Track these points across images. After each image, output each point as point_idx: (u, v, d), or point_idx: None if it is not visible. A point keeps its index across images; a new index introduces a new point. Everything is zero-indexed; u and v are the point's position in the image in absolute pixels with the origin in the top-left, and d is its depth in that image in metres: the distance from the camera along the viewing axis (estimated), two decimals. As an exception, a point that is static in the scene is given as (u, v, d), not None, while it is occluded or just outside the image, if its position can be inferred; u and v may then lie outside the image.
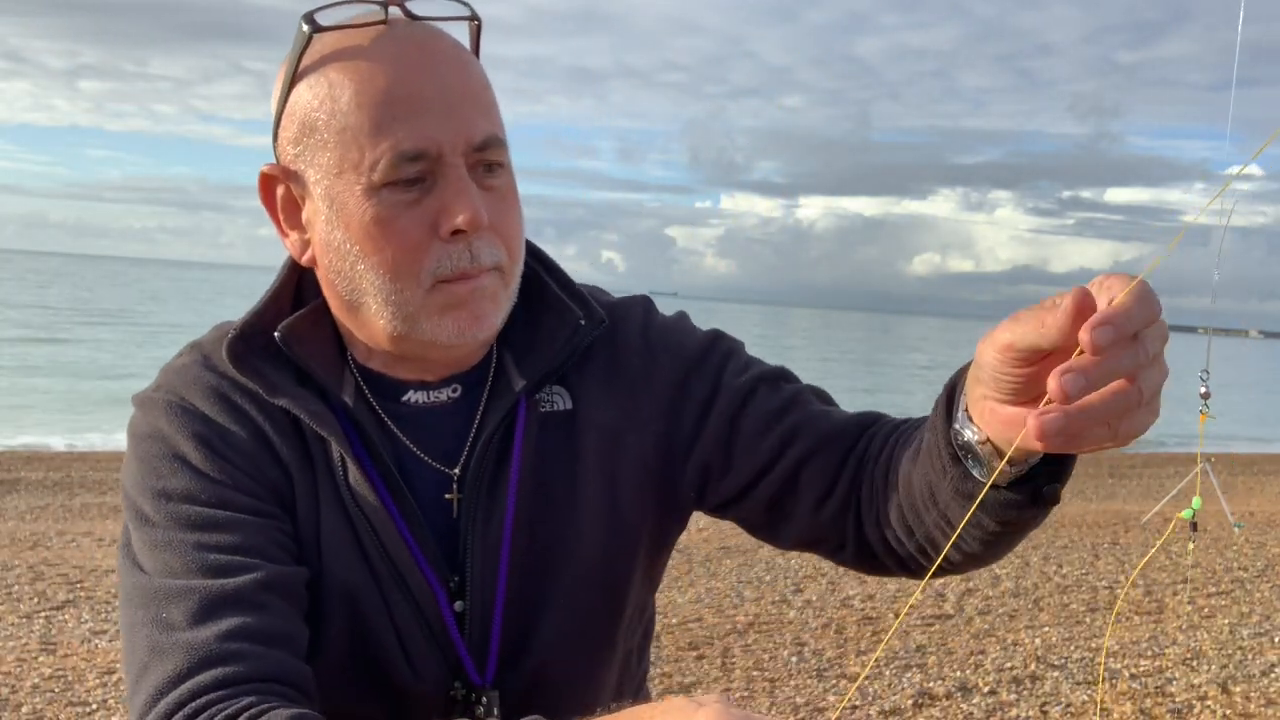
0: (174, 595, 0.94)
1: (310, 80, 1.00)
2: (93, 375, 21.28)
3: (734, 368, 1.14)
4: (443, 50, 1.01)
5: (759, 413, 1.11)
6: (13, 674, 4.49)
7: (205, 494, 1.00)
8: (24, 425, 14.27)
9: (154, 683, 0.91)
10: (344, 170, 0.99)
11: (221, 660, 0.91)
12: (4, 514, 8.03)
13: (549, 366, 1.10)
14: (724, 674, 4.82)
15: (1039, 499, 0.89)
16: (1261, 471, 14.64)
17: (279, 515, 1.03)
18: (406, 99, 0.97)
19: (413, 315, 1.01)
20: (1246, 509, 10.15)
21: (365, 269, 1.00)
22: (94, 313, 42.08)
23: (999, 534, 0.94)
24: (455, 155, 0.98)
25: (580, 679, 1.13)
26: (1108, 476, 13.37)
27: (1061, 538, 8.23)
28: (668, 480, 1.14)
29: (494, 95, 1.05)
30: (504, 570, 1.07)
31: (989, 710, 4.53)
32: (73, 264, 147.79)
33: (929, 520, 0.97)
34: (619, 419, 1.12)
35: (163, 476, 1.02)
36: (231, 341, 1.05)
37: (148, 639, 0.93)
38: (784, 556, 7.12)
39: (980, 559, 0.99)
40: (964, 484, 0.90)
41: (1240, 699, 4.78)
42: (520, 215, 1.06)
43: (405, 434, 1.08)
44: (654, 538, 1.16)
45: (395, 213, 0.98)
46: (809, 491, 1.09)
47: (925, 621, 5.75)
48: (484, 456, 1.07)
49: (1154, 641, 5.56)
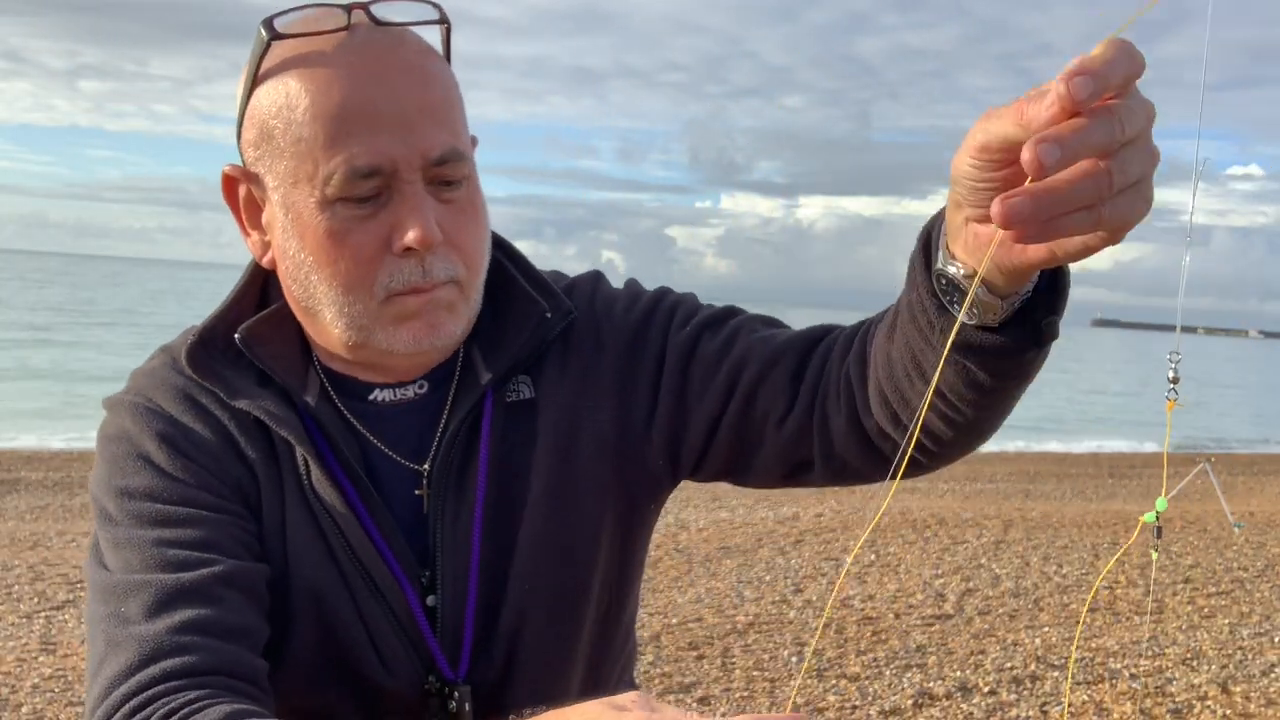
0: (132, 590, 0.95)
1: (269, 85, 1.00)
2: (93, 375, 21.27)
3: (678, 321, 1.13)
4: (402, 60, 0.99)
5: (706, 357, 1.10)
6: (13, 674, 4.48)
7: (167, 492, 1.01)
8: (24, 425, 14.27)
9: (107, 676, 0.92)
10: (299, 181, 0.99)
11: (172, 653, 0.91)
12: (4, 514, 8.03)
13: (515, 359, 1.10)
14: (724, 674, 4.82)
15: (1036, 337, 0.83)
16: (1261, 471, 14.63)
17: (242, 514, 1.03)
18: (361, 113, 0.96)
19: (366, 327, 1.02)
20: (1246, 509, 10.15)
21: (319, 280, 1.01)
22: (94, 313, 42.06)
23: (991, 391, 0.87)
24: (411, 171, 0.98)
25: (552, 664, 1.11)
26: (1108, 476, 13.37)
27: (1061, 538, 8.22)
28: (632, 451, 1.12)
29: (458, 102, 1.03)
30: (475, 563, 1.07)
31: (989, 710, 4.53)
32: (73, 264, 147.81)
33: (916, 396, 0.92)
34: (574, 397, 1.12)
35: (126, 475, 1.03)
36: (190, 347, 1.06)
37: (105, 634, 0.94)
38: (784, 556, 7.12)
39: (972, 429, 0.93)
40: (959, 336, 0.84)
41: (1240, 699, 4.78)
42: (482, 226, 1.06)
43: (372, 432, 1.09)
44: (620, 513, 1.14)
45: (348, 226, 0.98)
46: (769, 412, 1.06)
47: (925, 621, 5.75)
48: (450, 450, 1.08)
49: (1154, 641, 5.56)
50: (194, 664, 0.91)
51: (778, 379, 1.06)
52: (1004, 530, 8.37)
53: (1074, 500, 10.95)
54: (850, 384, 1.00)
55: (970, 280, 0.79)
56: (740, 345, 1.09)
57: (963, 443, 0.96)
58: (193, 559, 0.97)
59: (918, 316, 0.86)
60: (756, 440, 1.08)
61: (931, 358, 0.87)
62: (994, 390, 0.87)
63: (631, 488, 1.14)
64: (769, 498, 9.67)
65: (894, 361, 0.92)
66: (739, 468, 1.12)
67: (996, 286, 0.79)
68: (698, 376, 1.10)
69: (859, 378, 0.99)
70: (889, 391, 0.95)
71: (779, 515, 8.62)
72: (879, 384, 0.96)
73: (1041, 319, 0.82)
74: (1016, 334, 0.82)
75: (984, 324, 0.82)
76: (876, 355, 0.96)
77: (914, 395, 0.92)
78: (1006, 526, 8.53)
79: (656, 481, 1.16)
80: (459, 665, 1.07)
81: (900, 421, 0.95)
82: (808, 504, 9.34)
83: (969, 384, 0.87)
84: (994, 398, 0.89)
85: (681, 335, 1.12)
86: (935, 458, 0.99)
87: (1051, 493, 11.51)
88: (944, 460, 0.99)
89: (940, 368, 0.82)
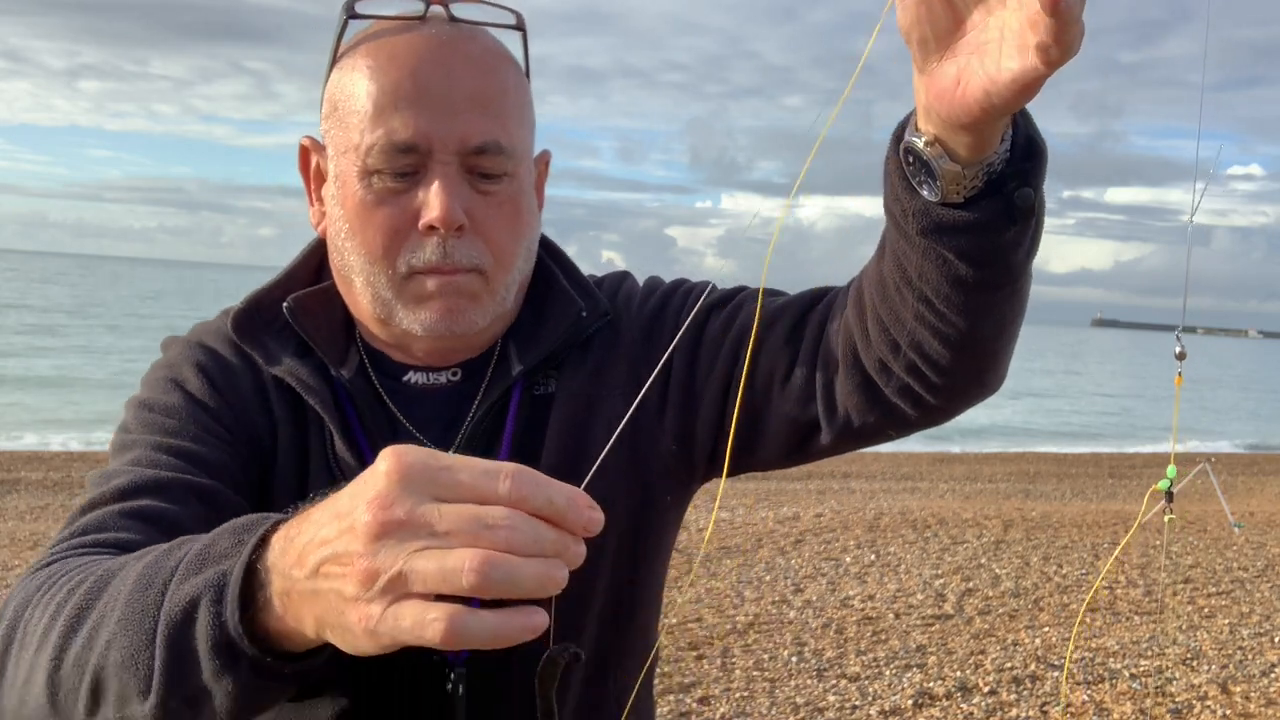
0: (113, 476, 0.99)
1: (343, 63, 1.06)
2: (93, 375, 21.28)
3: (688, 308, 1.15)
4: (466, 52, 1.03)
5: (711, 335, 1.12)
6: (13, 674, 4.49)
7: (185, 412, 1.05)
8: (24, 425, 14.28)
9: (49, 544, 0.95)
10: (347, 150, 1.04)
11: (113, 529, 0.93)
12: (4, 514, 8.03)
13: (547, 353, 1.11)
14: (724, 674, 4.82)
15: (1009, 212, 0.83)
16: (1261, 471, 14.64)
17: (245, 456, 1.06)
18: (412, 91, 1.00)
19: (389, 301, 1.05)
20: (1246, 509, 10.15)
21: (351, 248, 1.05)
22: (94, 313, 42.09)
23: (976, 288, 0.87)
24: (447, 153, 1.01)
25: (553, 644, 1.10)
26: (1108, 476, 13.38)
27: (1061, 538, 8.23)
28: (644, 439, 1.13)
29: (518, 105, 1.06)
30: None
31: (989, 710, 4.53)
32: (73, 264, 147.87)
33: (908, 310, 0.92)
34: (589, 387, 1.13)
35: (156, 393, 1.08)
36: (238, 313, 1.11)
37: (74, 510, 0.98)
38: (784, 556, 7.12)
39: (968, 347, 0.92)
40: (926, 217, 0.85)
41: (1240, 699, 4.79)
42: (520, 225, 1.07)
43: (402, 411, 1.11)
44: (632, 505, 1.13)
45: (382, 198, 1.02)
46: (772, 373, 1.08)
47: (925, 621, 5.75)
48: (474, 438, 1.09)
49: (1154, 641, 5.56)
50: (127, 541, 0.92)
51: (776, 339, 1.08)
52: (1004, 530, 8.37)
53: (1074, 500, 10.96)
54: (849, 328, 1.01)
55: (934, 147, 0.81)
56: (742, 316, 1.11)
57: (964, 369, 0.95)
58: (177, 464, 1.00)
59: (893, 209, 0.88)
60: (763, 404, 1.09)
61: (914, 257, 0.88)
62: (978, 287, 0.88)
63: (644, 476, 1.14)
64: (769, 497, 9.67)
65: (885, 280, 0.94)
66: (751, 443, 1.11)
67: (957, 154, 0.81)
68: (705, 357, 1.12)
69: (856, 316, 1.00)
70: (883, 313, 0.95)
71: (779, 515, 8.62)
72: (874, 309, 0.96)
73: (1013, 191, 0.83)
74: (986, 207, 0.83)
75: (949, 199, 0.83)
76: (868, 283, 0.97)
77: (905, 309, 0.92)
78: (1006, 526, 8.54)
79: (671, 471, 1.15)
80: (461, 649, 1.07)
81: (898, 346, 0.95)
82: (808, 504, 9.34)
83: (952, 280, 0.88)
84: (980, 298, 0.89)
85: (688, 320, 1.13)
86: (941, 393, 0.97)
87: (1051, 493, 11.52)
88: (951, 397, 0.98)
89: (919, 263, 0.83)
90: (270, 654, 0.72)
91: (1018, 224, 0.85)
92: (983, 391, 1.00)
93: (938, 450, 15.82)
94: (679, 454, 1.14)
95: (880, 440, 1.07)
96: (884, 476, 12.27)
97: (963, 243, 0.85)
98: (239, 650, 0.72)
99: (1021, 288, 0.92)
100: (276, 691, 0.76)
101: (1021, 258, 0.88)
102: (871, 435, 1.06)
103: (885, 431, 1.04)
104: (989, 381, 0.99)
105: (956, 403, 1.00)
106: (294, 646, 0.73)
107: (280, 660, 0.73)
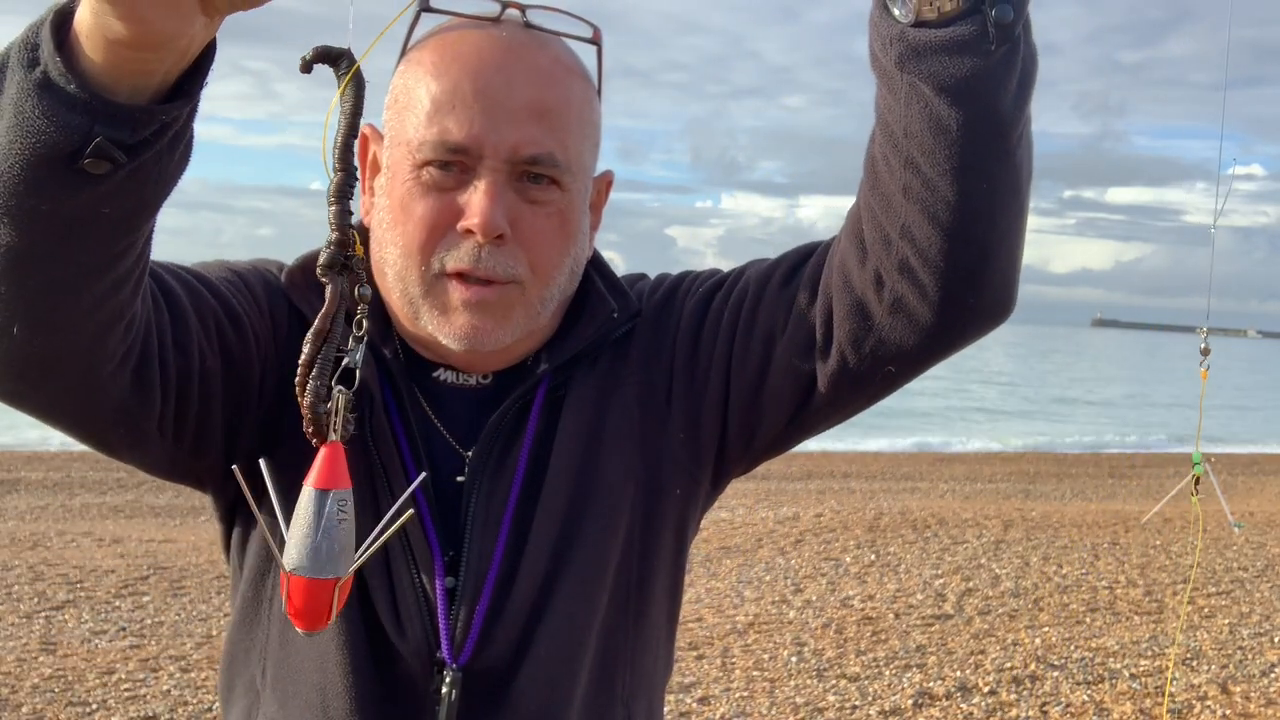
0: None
1: (410, 56, 1.06)
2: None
3: (693, 294, 1.16)
4: (534, 61, 1.02)
5: (716, 313, 1.12)
6: (13, 674, 4.49)
7: (236, 281, 1.07)
8: (24, 425, 14.27)
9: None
10: (401, 142, 1.04)
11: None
12: (4, 514, 8.04)
13: (575, 352, 1.11)
14: (724, 674, 4.82)
15: (987, 33, 0.82)
16: (1261, 471, 14.63)
17: (252, 346, 1.05)
18: (470, 94, 1.00)
19: (415, 301, 1.04)
20: (1246, 509, 10.15)
21: (391, 239, 1.04)
22: (94, 312, 41.93)
23: (960, 139, 0.86)
24: (497, 159, 1.00)
25: (561, 658, 1.08)
26: (1108, 476, 13.38)
27: (1061, 538, 8.23)
28: (653, 429, 1.12)
29: (582, 121, 1.05)
30: (499, 552, 1.07)
31: (989, 710, 4.53)
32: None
33: (895, 184, 0.91)
34: (602, 380, 1.13)
35: (225, 263, 1.11)
36: (291, 269, 1.11)
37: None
38: (784, 556, 7.12)
39: (957, 217, 0.90)
40: (903, 42, 0.85)
41: (1240, 699, 4.79)
42: (566, 240, 1.06)
43: (430, 406, 1.11)
44: (642, 498, 1.12)
45: (427, 193, 1.02)
46: (773, 323, 1.07)
47: (925, 621, 5.75)
48: (494, 438, 1.09)
49: (1154, 641, 5.56)
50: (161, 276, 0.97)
51: (773, 289, 1.08)
52: (1004, 530, 8.37)
53: (1074, 500, 10.96)
54: (844, 253, 1.00)
55: None
56: (742, 282, 1.12)
57: (957, 263, 0.93)
58: (200, 287, 1.02)
59: (874, 48, 0.88)
60: (765, 364, 1.08)
61: (898, 109, 0.87)
62: (963, 136, 0.86)
63: (653, 466, 1.13)
64: (769, 497, 9.68)
65: (875, 162, 0.94)
66: (768, 400, 1.09)
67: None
68: (708, 336, 1.12)
69: (850, 231, 1.00)
70: (874, 201, 0.95)
71: (779, 515, 8.62)
72: (866, 205, 0.96)
73: (991, 7, 0.82)
74: (962, 25, 0.83)
75: (924, 17, 0.84)
76: (861, 189, 0.98)
77: (893, 184, 0.92)
78: (1006, 526, 8.54)
79: (680, 462, 1.14)
80: (462, 651, 1.07)
81: (889, 240, 0.94)
82: (808, 504, 9.34)
83: (935, 127, 0.86)
84: (967, 154, 0.87)
85: (692, 302, 1.14)
86: (936, 306, 0.95)
87: (1051, 493, 11.52)
88: (947, 309, 0.95)
89: (903, 114, 0.83)
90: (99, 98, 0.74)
91: (996, 48, 0.84)
92: (980, 303, 0.96)
93: (938, 450, 15.81)
94: (687, 442, 1.13)
95: (880, 386, 1.04)
96: (884, 476, 12.27)
97: (940, 68, 0.85)
98: (60, 88, 0.73)
99: (1013, 150, 0.90)
100: (149, 167, 0.78)
101: (1008, 105, 0.87)
102: (869, 377, 1.03)
103: (883, 368, 1.01)
104: (983, 285, 0.95)
105: (953, 317, 0.96)
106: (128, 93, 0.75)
107: (110, 103, 0.74)
